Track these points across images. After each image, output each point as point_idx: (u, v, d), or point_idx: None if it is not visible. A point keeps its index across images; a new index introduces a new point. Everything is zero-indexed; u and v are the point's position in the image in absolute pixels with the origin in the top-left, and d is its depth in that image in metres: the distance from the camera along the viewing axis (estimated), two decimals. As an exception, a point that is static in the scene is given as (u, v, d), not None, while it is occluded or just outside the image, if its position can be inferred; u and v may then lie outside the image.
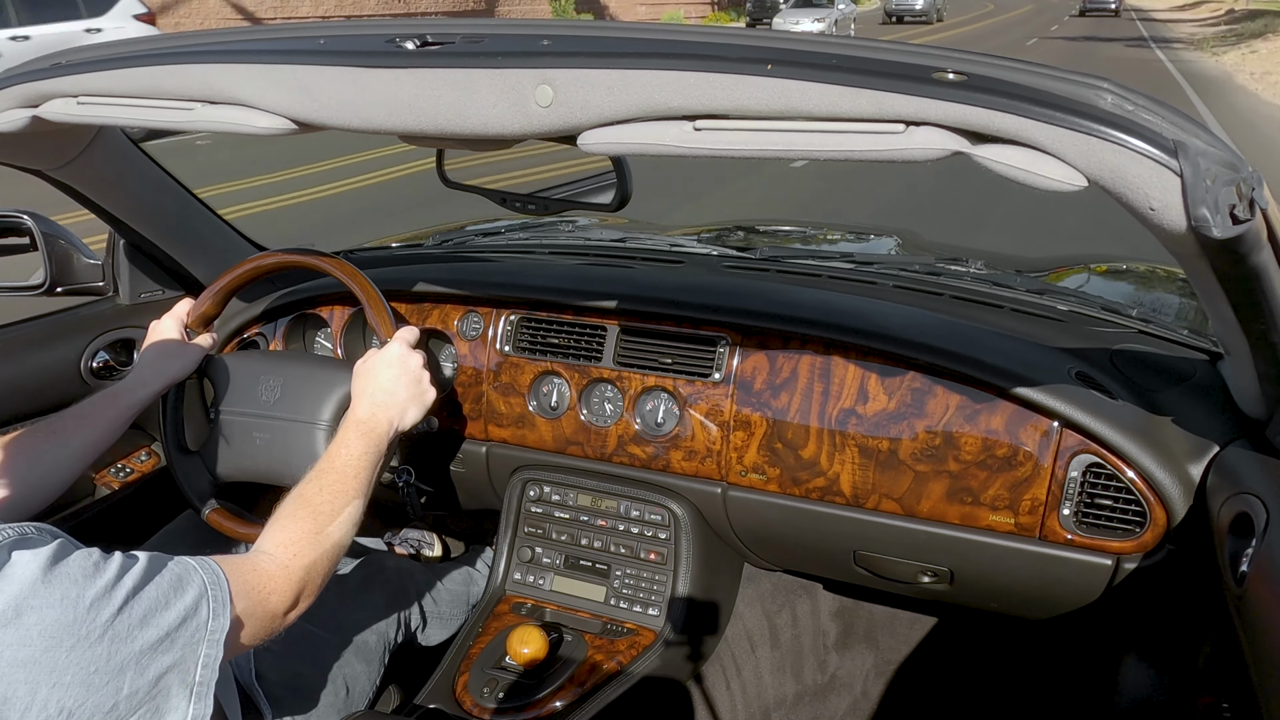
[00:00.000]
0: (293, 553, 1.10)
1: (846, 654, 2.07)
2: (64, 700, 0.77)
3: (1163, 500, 1.32)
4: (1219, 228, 0.77)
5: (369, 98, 0.98)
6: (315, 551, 1.13)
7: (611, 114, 0.89)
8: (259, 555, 1.09)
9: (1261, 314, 1.00)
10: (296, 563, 1.10)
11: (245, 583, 1.00)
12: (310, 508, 1.18)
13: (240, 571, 1.00)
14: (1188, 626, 1.42)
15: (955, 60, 0.83)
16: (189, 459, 1.58)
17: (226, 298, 1.64)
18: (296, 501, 1.19)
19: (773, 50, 0.85)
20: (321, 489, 1.22)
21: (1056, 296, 1.75)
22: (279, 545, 1.11)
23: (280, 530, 1.14)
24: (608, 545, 1.74)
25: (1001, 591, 1.57)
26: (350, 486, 1.25)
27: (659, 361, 1.64)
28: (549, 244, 2.19)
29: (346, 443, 1.31)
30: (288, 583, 1.07)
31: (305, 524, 1.15)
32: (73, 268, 1.82)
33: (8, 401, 1.75)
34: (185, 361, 1.53)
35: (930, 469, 1.46)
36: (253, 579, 1.02)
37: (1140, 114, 0.79)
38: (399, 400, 1.41)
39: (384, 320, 1.52)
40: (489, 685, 1.53)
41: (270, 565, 1.07)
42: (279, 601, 1.05)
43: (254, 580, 1.02)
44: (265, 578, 1.05)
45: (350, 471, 1.27)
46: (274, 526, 1.14)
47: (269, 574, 1.06)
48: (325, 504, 1.20)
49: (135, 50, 1.14)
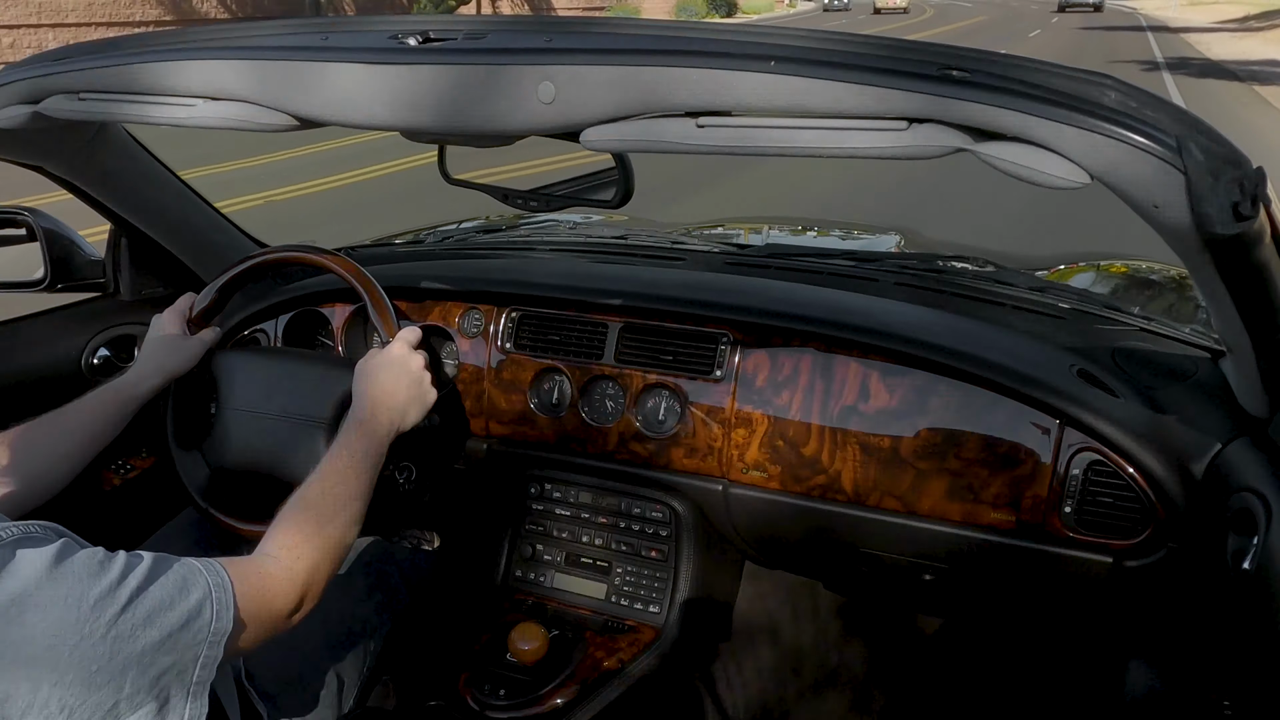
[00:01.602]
0: (296, 555, 1.11)
1: (848, 652, 2.07)
2: (65, 698, 0.77)
3: (1164, 498, 1.32)
4: (1222, 224, 0.77)
5: (371, 94, 0.98)
6: (318, 553, 1.13)
7: (614, 110, 0.89)
8: (263, 558, 1.09)
9: (1264, 311, 1.00)
10: (300, 565, 1.10)
11: (249, 585, 1.00)
12: (313, 510, 1.19)
13: (245, 575, 1.01)
14: (1189, 624, 1.42)
15: (959, 57, 0.83)
16: (189, 454, 1.58)
17: (228, 293, 1.63)
18: (299, 504, 1.19)
19: (776, 47, 0.85)
20: (324, 491, 1.22)
21: (1058, 294, 1.75)
22: (282, 548, 1.11)
23: (283, 533, 1.14)
24: (609, 542, 1.74)
25: (1003, 589, 1.57)
26: (351, 487, 1.25)
27: (660, 359, 1.64)
28: (550, 241, 2.18)
29: (348, 444, 1.31)
30: (291, 585, 1.07)
31: (308, 526, 1.15)
32: (73, 264, 1.82)
33: (9, 398, 1.75)
34: (186, 356, 1.53)
35: (931, 467, 1.46)
36: (256, 582, 1.02)
37: (1144, 111, 0.79)
38: (400, 401, 1.41)
39: (386, 319, 1.52)
40: (490, 682, 1.53)
41: (274, 568, 1.07)
42: (283, 604, 1.06)
43: (258, 583, 1.03)
44: (269, 580, 1.05)
45: (351, 473, 1.27)
46: (277, 529, 1.14)
47: (273, 577, 1.06)
48: (327, 506, 1.20)
49: (137, 46, 1.13)
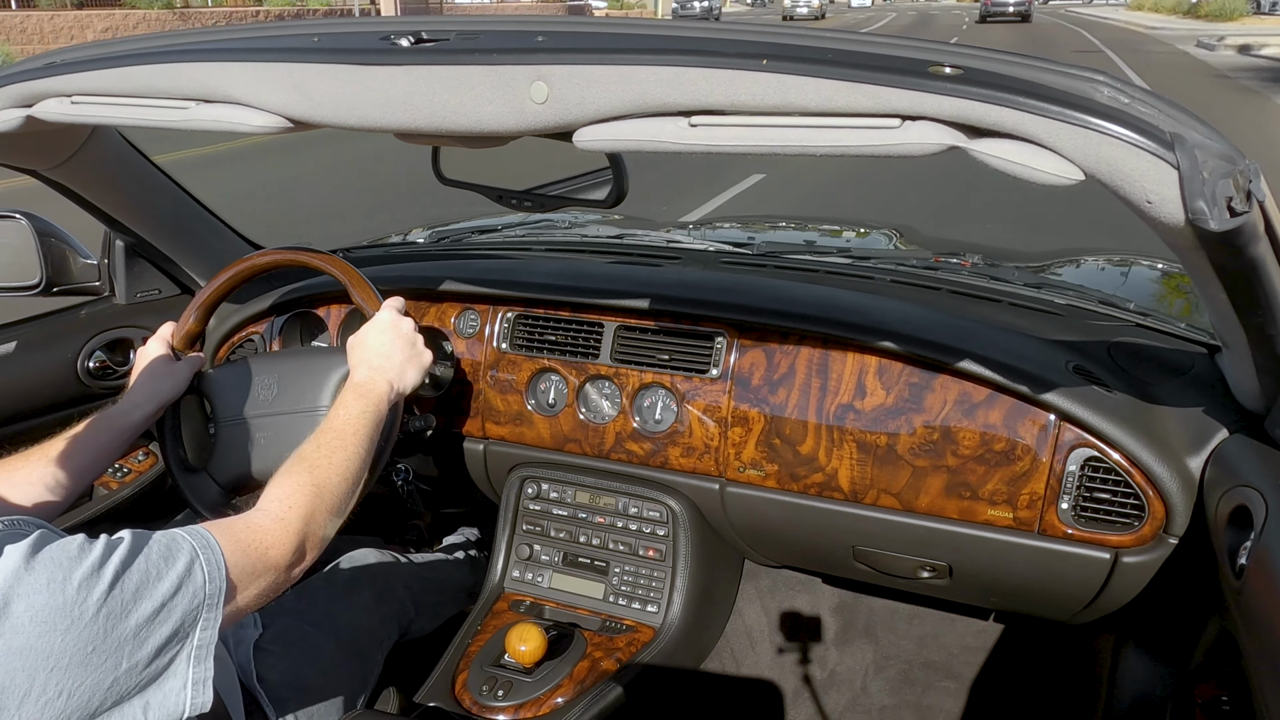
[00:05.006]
0: (288, 505, 1.10)
1: (846, 649, 2.07)
2: (63, 682, 0.78)
3: (1161, 494, 1.32)
4: (1216, 220, 0.77)
5: (364, 95, 0.98)
6: (312, 503, 1.13)
7: (607, 110, 0.89)
8: (252, 512, 1.09)
9: (1259, 306, 1.00)
10: (293, 514, 1.09)
11: (239, 540, 1.00)
12: (306, 463, 1.19)
13: (232, 531, 1.00)
14: (1186, 620, 1.42)
15: (951, 54, 0.83)
16: (195, 476, 1.55)
17: (208, 312, 1.62)
18: (293, 460, 1.20)
19: (768, 45, 0.85)
20: (319, 446, 1.23)
21: (1054, 290, 1.75)
22: (273, 500, 1.11)
23: (276, 486, 1.14)
24: (606, 542, 1.74)
25: (1001, 586, 1.57)
26: (349, 443, 1.25)
27: (656, 358, 1.64)
28: (545, 241, 2.18)
29: (344, 403, 1.32)
30: (285, 535, 1.07)
31: (300, 477, 1.16)
32: (69, 268, 1.81)
33: (4, 402, 1.74)
34: (176, 380, 1.51)
35: (928, 464, 1.46)
36: (246, 536, 1.02)
37: (1136, 107, 0.79)
38: (396, 362, 1.42)
39: (369, 295, 1.53)
40: (488, 683, 1.53)
41: (264, 520, 1.07)
42: (279, 555, 1.05)
43: (248, 537, 1.02)
44: (260, 533, 1.04)
45: (349, 429, 1.27)
46: (270, 485, 1.15)
47: (263, 528, 1.05)
48: (322, 459, 1.20)
49: (129, 49, 1.13)
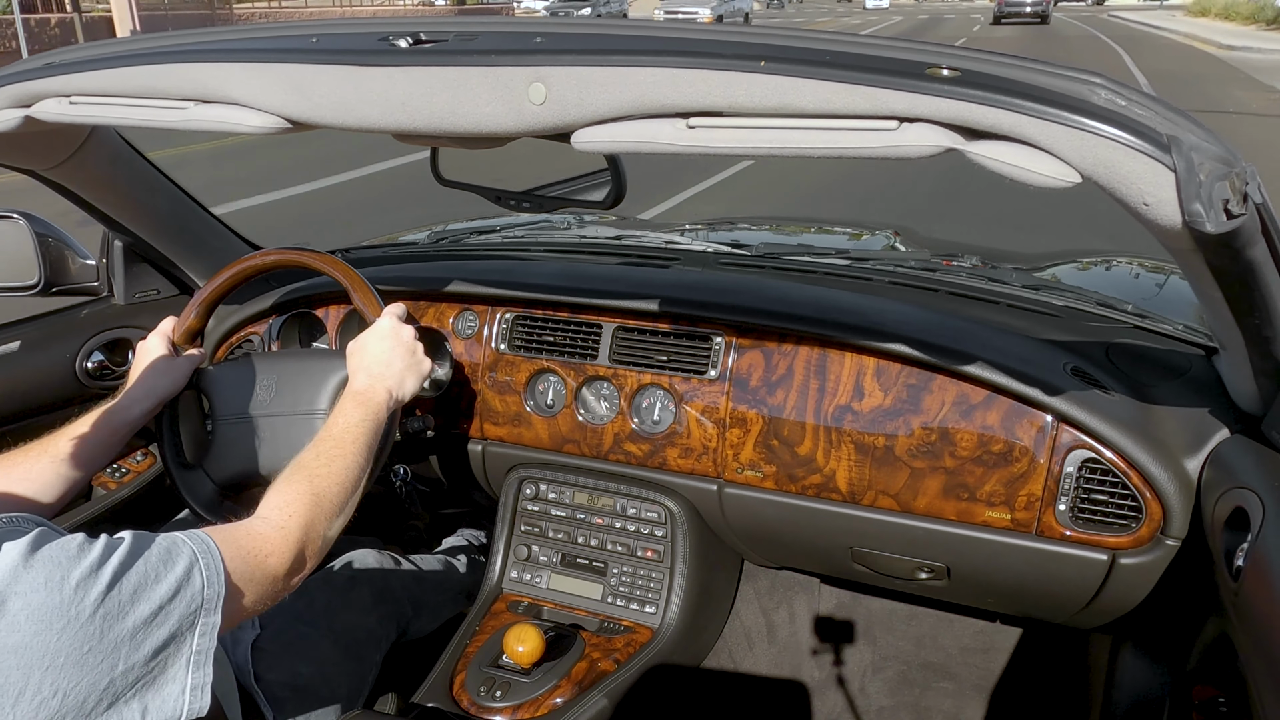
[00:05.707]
0: (288, 514, 1.10)
1: (844, 650, 2.07)
2: (58, 682, 0.77)
3: (1158, 495, 1.32)
4: (1212, 223, 0.77)
5: (362, 96, 0.98)
6: (312, 512, 1.12)
7: (605, 112, 0.89)
8: (252, 520, 1.09)
9: (1256, 308, 1.00)
10: (293, 523, 1.09)
11: (239, 547, 0.99)
12: (305, 471, 1.19)
13: (232, 537, 1.00)
14: (1184, 621, 1.42)
15: (948, 56, 0.83)
16: (191, 472, 1.55)
17: (209, 309, 1.62)
18: (292, 468, 1.20)
19: (766, 47, 0.85)
20: (318, 455, 1.23)
21: (1052, 292, 1.75)
22: (273, 508, 1.11)
23: (275, 494, 1.14)
24: (604, 543, 1.74)
25: (998, 587, 1.57)
26: (348, 451, 1.25)
27: (655, 359, 1.64)
28: (544, 242, 2.18)
29: (343, 411, 1.32)
30: (285, 544, 1.07)
31: (300, 486, 1.15)
32: (67, 268, 1.81)
33: (3, 402, 1.74)
34: (175, 377, 1.51)
35: (926, 465, 1.46)
36: (246, 543, 1.02)
37: (1133, 109, 0.79)
38: (396, 370, 1.41)
39: (370, 300, 1.52)
40: (486, 684, 1.53)
41: (264, 528, 1.07)
42: (278, 563, 1.05)
43: (248, 544, 1.02)
44: (260, 540, 1.04)
45: (348, 438, 1.27)
46: (270, 493, 1.14)
47: (263, 536, 1.05)
48: (321, 467, 1.20)
49: (128, 50, 1.13)
